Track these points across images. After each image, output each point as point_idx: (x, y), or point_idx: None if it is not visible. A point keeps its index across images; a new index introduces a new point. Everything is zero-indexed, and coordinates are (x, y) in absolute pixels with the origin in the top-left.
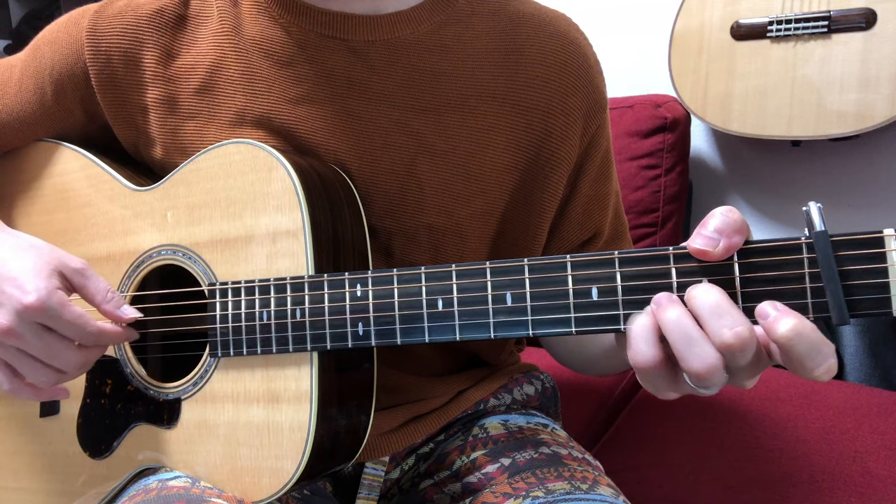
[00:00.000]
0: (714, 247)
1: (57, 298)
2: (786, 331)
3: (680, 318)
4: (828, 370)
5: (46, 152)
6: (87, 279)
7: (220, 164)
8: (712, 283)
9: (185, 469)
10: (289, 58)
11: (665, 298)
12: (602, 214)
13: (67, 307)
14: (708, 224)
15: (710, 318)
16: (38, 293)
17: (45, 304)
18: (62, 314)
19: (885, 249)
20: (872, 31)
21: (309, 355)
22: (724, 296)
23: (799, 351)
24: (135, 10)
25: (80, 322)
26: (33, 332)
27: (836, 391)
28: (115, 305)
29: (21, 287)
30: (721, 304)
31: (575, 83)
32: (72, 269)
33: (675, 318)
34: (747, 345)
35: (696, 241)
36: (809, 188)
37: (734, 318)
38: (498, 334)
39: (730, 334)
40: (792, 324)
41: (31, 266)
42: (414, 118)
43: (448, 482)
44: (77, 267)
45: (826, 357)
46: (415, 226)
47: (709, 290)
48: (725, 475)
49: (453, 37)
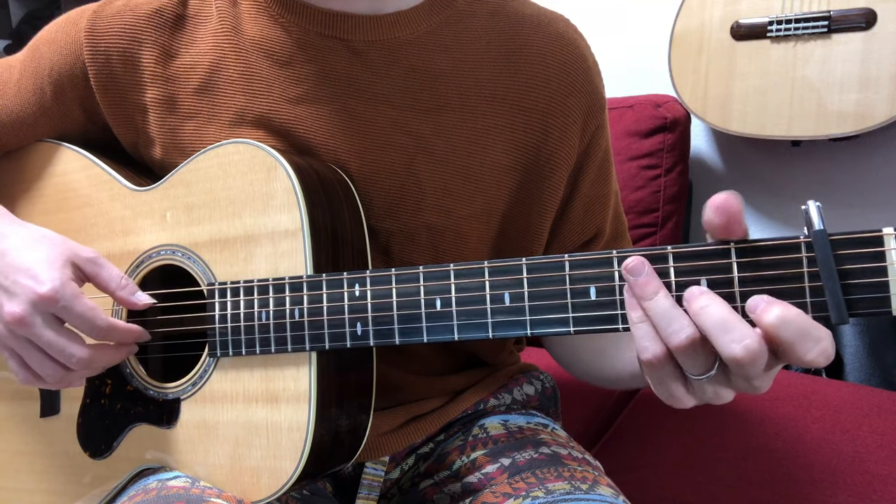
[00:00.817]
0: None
1: (70, 289)
2: (772, 319)
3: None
4: (821, 352)
5: (47, 153)
6: (100, 268)
7: (219, 164)
8: (712, 294)
9: (184, 469)
10: (288, 57)
11: (640, 264)
12: (603, 215)
13: (80, 299)
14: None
15: (719, 333)
16: (52, 283)
17: (58, 294)
18: (74, 305)
19: (884, 248)
20: (872, 31)
21: (308, 355)
22: (728, 308)
23: (787, 337)
24: (133, 9)
25: (91, 315)
26: (45, 323)
27: (836, 391)
28: (130, 292)
29: (35, 277)
30: (727, 317)
31: (574, 84)
32: (84, 258)
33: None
34: (757, 356)
35: (718, 197)
36: (809, 188)
37: (742, 332)
38: (496, 334)
39: (739, 349)
40: (777, 311)
41: (45, 257)
42: (413, 118)
43: (448, 482)
44: (89, 256)
45: (818, 340)
46: (414, 226)
47: (711, 304)
48: (725, 475)
49: (452, 37)
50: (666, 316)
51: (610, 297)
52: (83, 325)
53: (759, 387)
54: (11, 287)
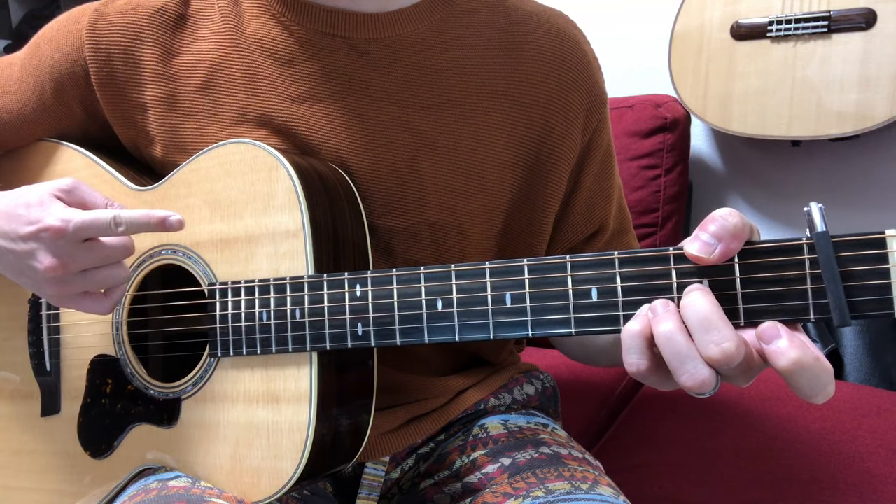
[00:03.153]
0: (710, 253)
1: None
2: (788, 364)
3: (672, 333)
4: (825, 397)
5: (48, 151)
6: (83, 192)
7: (220, 163)
8: (706, 292)
9: (184, 469)
10: (290, 56)
11: (661, 308)
12: (606, 208)
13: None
14: (707, 228)
15: (699, 331)
16: (55, 215)
17: (63, 220)
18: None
19: (887, 250)
20: (872, 31)
21: (308, 355)
22: (714, 308)
23: (799, 381)
24: (135, 8)
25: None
26: (79, 250)
27: (836, 391)
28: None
29: (39, 221)
30: (710, 317)
31: (575, 79)
32: (64, 189)
33: (667, 332)
34: (733, 360)
35: (692, 247)
36: (809, 188)
37: (721, 334)
38: (497, 335)
39: (716, 350)
40: (794, 357)
41: (37, 199)
42: (415, 116)
43: (448, 482)
44: (67, 185)
45: (825, 385)
46: (416, 223)
47: (699, 300)
48: (725, 475)
49: (453, 34)
50: (679, 355)
51: (611, 298)
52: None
53: (740, 384)
54: (25, 245)
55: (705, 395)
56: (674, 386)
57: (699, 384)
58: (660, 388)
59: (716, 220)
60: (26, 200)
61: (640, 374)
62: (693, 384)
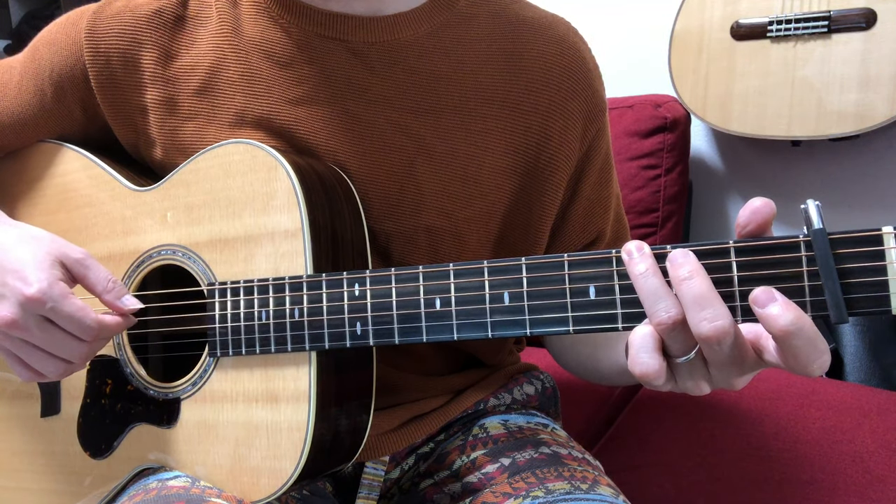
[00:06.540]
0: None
1: (58, 290)
2: (785, 325)
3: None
4: (821, 366)
5: (48, 153)
6: (87, 269)
7: (219, 164)
8: (703, 273)
9: (184, 469)
10: (288, 59)
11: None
12: (604, 217)
13: (68, 299)
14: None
15: (693, 307)
16: (39, 284)
17: (45, 295)
18: (63, 306)
19: (883, 247)
20: (872, 31)
21: (307, 355)
22: (710, 286)
23: (797, 345)
24: (133, 10)
25: (80, 315)
26: (37, 324)
27: (836, 391)
28: (116, 296)
29: (24, 279)
30: (706, 294)
31: (574, 87)
32: (73, 259)
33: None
34: (726, 335)
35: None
36: (809, 188)
37: (716, 311)
38: (495, 333)
39: (708, 327)
40: (791, 317)
41: (33, 257)
42: (413, 120)
43: (448, 482)
44: (78, 257)
45: (821, 353)
46: (413, 227)
47: (696, 278)
48: (725, 475)
49: (453, 39)
50: (654, 294)
51: (609, 296)
52: (73, 326)
53: (735, 385)
54: (0, 289)
55: (700, 392)
56: (673, 388)
57: (671, 323)
58: (663, 388)
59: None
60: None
61: (647, 376)
62: (664, 323)
